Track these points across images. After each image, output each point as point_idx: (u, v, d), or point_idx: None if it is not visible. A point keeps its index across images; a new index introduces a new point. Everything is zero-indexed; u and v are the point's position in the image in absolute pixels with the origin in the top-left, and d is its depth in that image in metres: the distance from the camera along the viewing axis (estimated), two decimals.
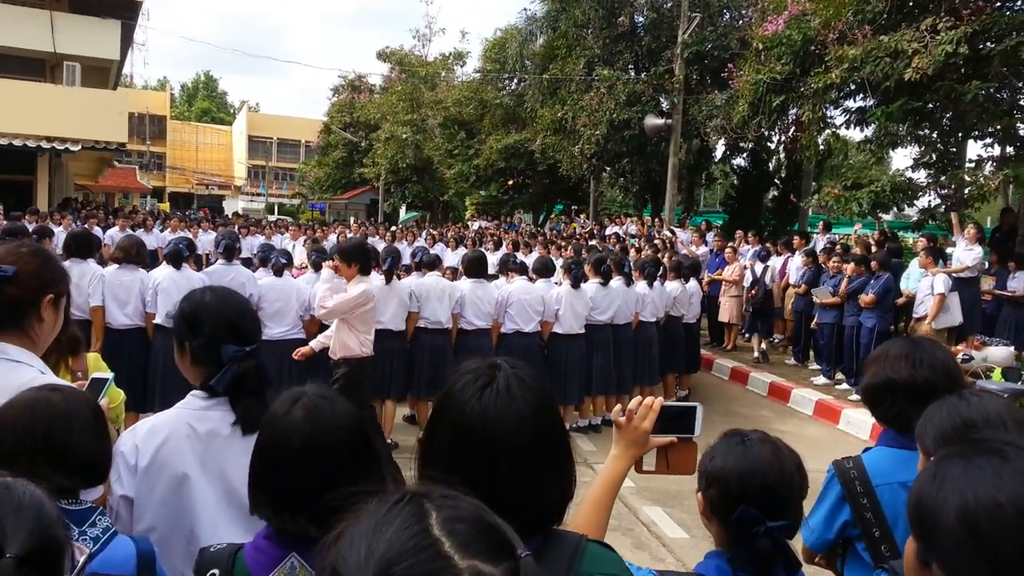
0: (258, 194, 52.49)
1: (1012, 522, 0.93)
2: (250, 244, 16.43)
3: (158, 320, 6.27)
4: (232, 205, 48.04)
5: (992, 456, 0.99)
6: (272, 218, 30.96)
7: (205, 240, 14.93)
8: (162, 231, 17.06)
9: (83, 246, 6.31)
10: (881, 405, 2.08)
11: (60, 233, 14.61)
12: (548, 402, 1.29)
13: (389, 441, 6.94)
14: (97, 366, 3.06)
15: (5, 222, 11.11)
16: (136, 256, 6.46)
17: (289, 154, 56.45)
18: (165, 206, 41.38)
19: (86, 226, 14.12)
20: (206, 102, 68.19)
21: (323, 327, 6.71)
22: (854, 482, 2.02)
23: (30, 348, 1.92)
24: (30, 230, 9.05)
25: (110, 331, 6.28)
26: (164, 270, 6.49)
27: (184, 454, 1.90)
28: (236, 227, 17.90)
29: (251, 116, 57.77)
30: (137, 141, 45.33)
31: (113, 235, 15.18)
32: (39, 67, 19.53)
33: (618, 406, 1.66)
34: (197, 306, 2.03)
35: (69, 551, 1.10)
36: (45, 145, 17.40)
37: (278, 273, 6.87)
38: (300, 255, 10.83)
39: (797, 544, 1.70)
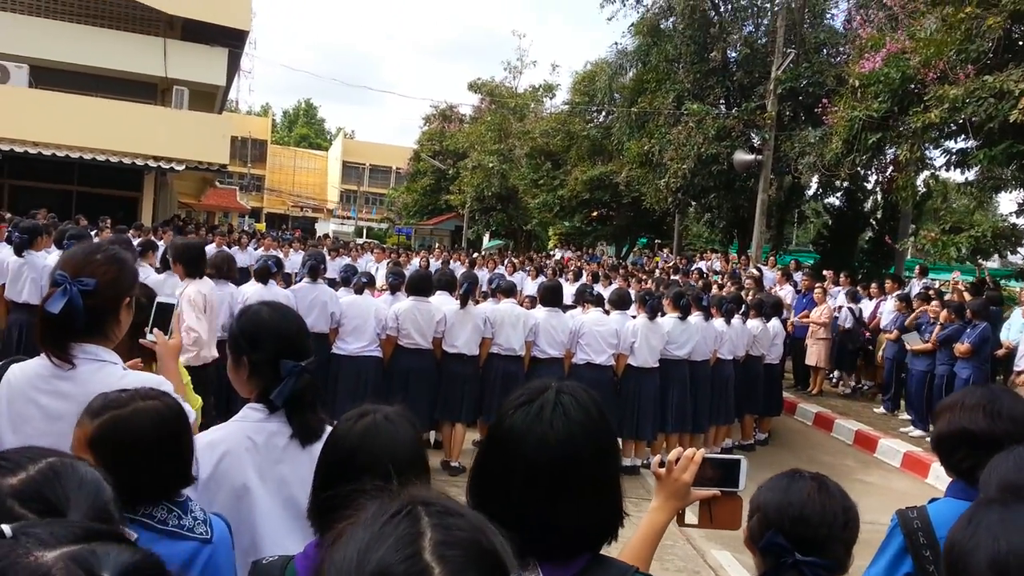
0: (348, 217, 54.08)
1: None
2: (337, 265, 16.94)
3: None
4: (324, 227, 49.63)
5: None
6: (360, 241, 31.81)
7: (295, 259, 15.43)
8: (256, 249, 17.74)
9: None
10: (953, 456, 1.99)
11: (160, 246, 15.38)
12: (599, 426, 1.27)
13: (456, 464, 6.97)
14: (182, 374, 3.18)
15: (111, 234, 11.75)
16: (227, 271, 6.72)
17: (380, 180, 58.04)
18: (261, 226, 43.08)
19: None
20: (305, 128, 70.96)
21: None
22: (917, 533, 1.92)
23: (109, 347, 2.04)
24: (135, 243, 9.55)
25: None
26: (253, 286, 6.74)
27: (244, 466, 1.95)
28: (324, 248, 18.46)
29: (346, 142, 59.75)
30: (238, 163, 47.44)
31: (209, 251, 15.84)
32: (151, 90, 20.70)
33: (657, 457, 1.62)
34: (256, 322, 2.08)
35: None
36: (152, 164, 18.38)
37: (359, 292, 7.04)
38: (382, 277, 11.09)
39: None
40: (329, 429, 1.99)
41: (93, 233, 10.65)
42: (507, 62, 35.98)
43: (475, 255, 20.84)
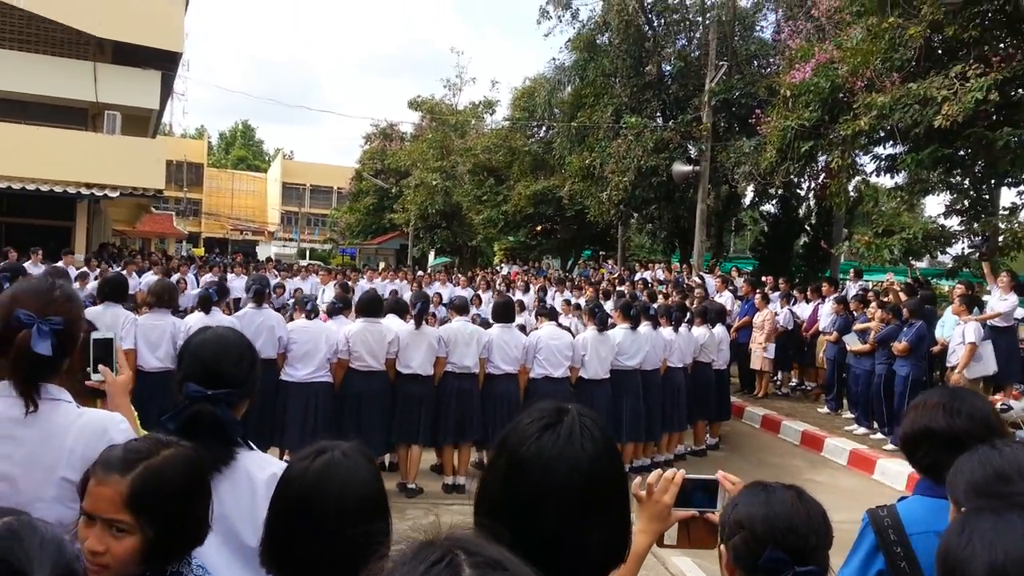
0: (290, 239, 53.34)
1: None
2: (289, 287, 16.72)
3: None
4: (265, 250, 48.84)
5: (1022, 511, 0.97)
6: (303, 263, 31.38)
7: (237, 285, 15.13)
8: (196, 276, 17.35)
9: (116, 290, 6.43)
10: (917, 453, 2.05)
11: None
12: (610, 454, 1.27)
13: (413, 486, 6.91)
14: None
15: (43, 267, 11.38)
16: (168, 300, 6.57)
17: (321, 200, 57.41)
18: (200, 251, 42.14)
19: (123, 271, 14.42)
20: (243, 150, 69.83)
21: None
22: (888, 531, 1.97)
23: (60, 383, 1.98)
24: (72, 274, 9.27)
25: (142, 374, 6.34)
26: (196, 315, 6.59)
27: None
28: (268, 272, 18.16)
29: (285, 163, 58.99)
30: (174, 188, 46.40)
31: (148, 280, 15.46)
32: (81, 116, 20.12)
33: (638, 479, 1.63)
34: (187, 342, 2.07)
35: None
36: (84, 192, 17.83)
37: (309, 317, 6.94)
38: (329, 299, 10.95)
39: None
40: (245, 458, 1.96)
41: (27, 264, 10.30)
42: (446, 79, 36.10)
43: (420, 274, 20.74)
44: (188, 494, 1.57)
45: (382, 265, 26.18)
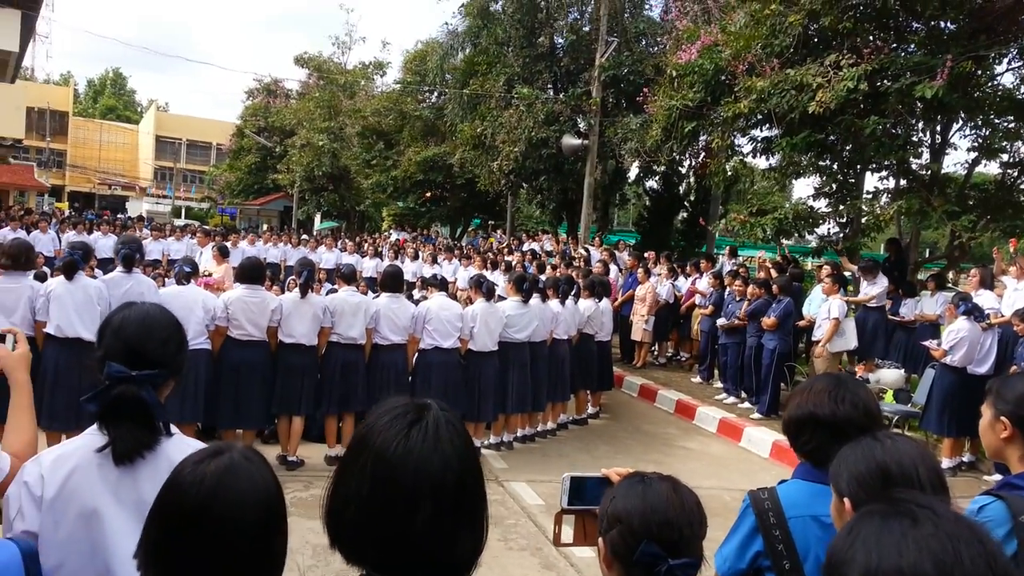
0: (164, 196, 50.61)
1: None
2: (163, 248, 15.94)
3: (48, 329, 5.94)
4: (136, 207, 46.19)
5: (904, 519, 1.01)
6: (179, 222, 29.90)
7: (104, 245, 14.26)
8: (58, 233, 16.27)
9: None
10: (801, 438, 2.10)
11: None
12: (472, 448, 1.25)
13: (294, 459, 6.78)
14: None
15: None
16: (24, 263, 6.09)
17: (199, 156, 54.79)
18: (63, 205, 39.47)
19: None
20: (113, 99, 65.59)
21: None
22: (768, 513, 2.03)
23: None
24: None
25: None
26: (58, 279, 6.15)
27: (94, 485, 1.77)
28: (138, 231, 17.25)
29: (160, 115, 55.85)
30: (36, 137, 43.15)
31: (5, 235, 14.36)
32: None
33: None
34: (108, 319, 1.94)
35: None
36: None
37: (181, 282, 6.61)
38: (206, 263, 10.48)
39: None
40: (166, 443, 1.85)
41: None
42: (335, 37, 34.95)
43: (305, 238, 20.18)
44: None
45: (264, 227, 25.29)
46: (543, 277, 9.33)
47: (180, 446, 1.86)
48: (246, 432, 6.80)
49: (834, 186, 12.16)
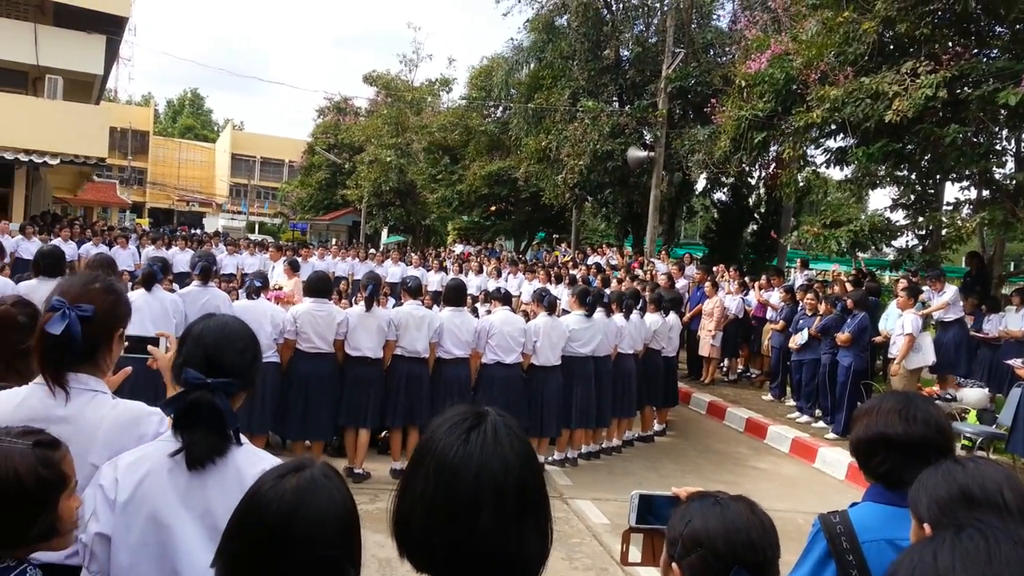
0: (239, 212, 52.24)
1: None
2: (238, 263, 16.41)
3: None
4: (213, 222, 47.79)
5: (976, 539, 0.97)
6: (252, 237, 30.78)
7: (181, 259, 14.74)
8: (138, 248, 16.90)
9: (52, 264, 6.16)
10: (873, 460, 2.02)
11: (17, 243, 14.44)
12: (532, 452, 1.26)
13: (360, 471, 6.83)
14: None
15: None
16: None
17: (272, 173, 56.34)
18: (144, 221, 41.05)
19: (56, 241, 13.95)
20: (190, 119, 68.06)
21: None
22: (840, 538, 1.95)
23: (100, 377, 2.08)
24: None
25: None
26: (138, 292, 6.36)
27: (165, 491, 1.80)
28: (214, 246, 17.77)
29: (235, 134, 57.66)
30: (118, 155, 45.06)
31: (88, 250, 14.99)
32: (21, 79, 19.35)
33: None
34: (189, 328, 2.01)
35: None
36: (23, 158, 17.18)
37: (251, 296, 6.75)
38: (278, 277, 10.73)
39: None
40: (236, 452, 1.87)
41: None
42: (403, 55, 35.57)
43: (373, 252, 20.50)
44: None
45: (333, 242, 25.83)
46: (607, 291, 9.21)
47: (249, 456, 1.89)
48: (314, 444, 6.89)
49: (912, 197, 11.75)
